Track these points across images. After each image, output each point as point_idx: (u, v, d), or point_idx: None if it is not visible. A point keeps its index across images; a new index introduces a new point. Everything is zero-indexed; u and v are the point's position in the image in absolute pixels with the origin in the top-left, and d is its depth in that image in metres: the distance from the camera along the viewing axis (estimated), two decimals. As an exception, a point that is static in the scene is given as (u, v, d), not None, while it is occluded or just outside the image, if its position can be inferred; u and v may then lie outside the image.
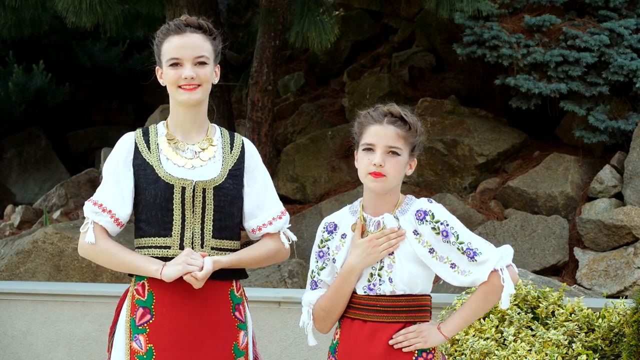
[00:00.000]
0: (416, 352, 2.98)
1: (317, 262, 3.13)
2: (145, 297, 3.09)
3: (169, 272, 3.01)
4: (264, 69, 8.11)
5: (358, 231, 3.04)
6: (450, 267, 2.96)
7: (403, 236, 2.98)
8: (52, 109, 11.63)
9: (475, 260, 2.94)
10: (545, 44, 7.54)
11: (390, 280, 2.98)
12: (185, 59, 3.12)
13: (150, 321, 3.07)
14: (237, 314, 3.15)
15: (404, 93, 9.00)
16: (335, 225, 3.12)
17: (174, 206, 3.09)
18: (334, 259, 3.09)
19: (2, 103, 11.11)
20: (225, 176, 3.16)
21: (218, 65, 3.25)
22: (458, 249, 2.95)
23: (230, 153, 3.21)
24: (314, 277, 3.13)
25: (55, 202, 9.42)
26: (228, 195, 3.15)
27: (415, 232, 2.98)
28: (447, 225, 2.97)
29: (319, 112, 9.37)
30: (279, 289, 6.24)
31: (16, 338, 5.93)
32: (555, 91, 7.36)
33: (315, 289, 3.12)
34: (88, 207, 3.13)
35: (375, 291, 3.00)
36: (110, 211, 3.11)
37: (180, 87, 3.12)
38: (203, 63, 3.15)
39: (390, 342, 2.97)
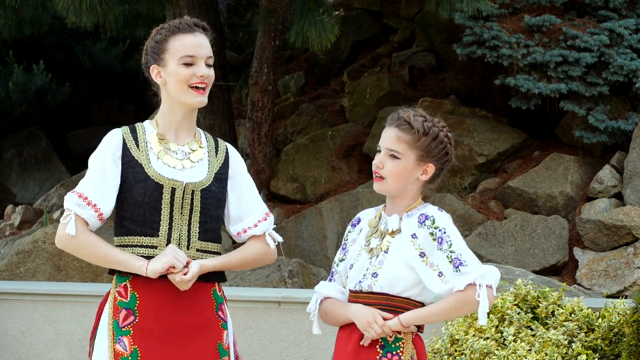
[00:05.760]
0: (381, 351, 2.94)
1: (340, 253, 3.14)
2: (128, 299, 3.08)
3: (155, 266, 2.98)
4: (264, 69, 8.11)
5: None
6: (438, 275, 2.90)
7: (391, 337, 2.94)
8: (52, 109, 11.62)
9: (459, 270, 2.86)
10: (545, 44, 7.54)
11: (374, 275, 2.96)
12: (200, 57, 3.09)
13: (134, 322, 3.05)
14: (220, 313, 3.15)
15: (404, 93, 9.00)
16: (359, 220, 3.13)
17: (162, 206, 3.06)
18: (348, 249, 3.09)
19: (2, 103, 11.11)
20: (212, 179, 3.14)
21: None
22: (447, 256, 2.88)
23: (216, 157, 3.19)
24: (333, 267, 3.15)
25: (55, 202, 9.42)
26: (214, 198, 3.13)
27: (413, 236, 2.94)
28: (444, 232, 2.90)
29: (319, 112, 9.37)
30: (279, 289, 6.24)
31: (16, 338, 5.93)
32: (555, 91, 7.36)
33: (331, 279, 3.13)
34: (71, 199, 3.09)
35: (361, 286, 2.98)
36: (95, 205, 3.07)
37: (190, 86, 3.08)
38: (210, 65, 3.14)
39: (361, 342, 2.95)
